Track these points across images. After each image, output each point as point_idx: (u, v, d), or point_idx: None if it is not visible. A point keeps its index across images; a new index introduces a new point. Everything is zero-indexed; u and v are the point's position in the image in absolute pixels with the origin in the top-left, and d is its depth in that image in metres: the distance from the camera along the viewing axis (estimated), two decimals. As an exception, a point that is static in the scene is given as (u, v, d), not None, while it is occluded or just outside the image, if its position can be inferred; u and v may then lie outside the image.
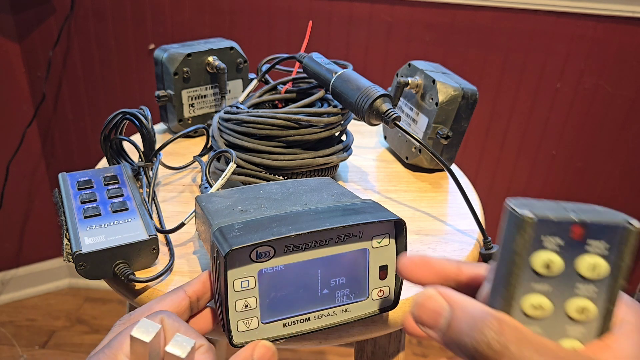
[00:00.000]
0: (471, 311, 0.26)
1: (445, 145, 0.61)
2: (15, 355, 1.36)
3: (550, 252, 0.25)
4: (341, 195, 0.41)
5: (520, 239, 0.25)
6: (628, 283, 0.26)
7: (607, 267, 0.25)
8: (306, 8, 1.19)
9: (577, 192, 1.34)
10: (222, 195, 0.41)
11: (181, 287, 0.35)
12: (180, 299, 0.34)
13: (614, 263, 0.25)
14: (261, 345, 0.33)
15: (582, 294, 0.26)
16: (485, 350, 0.24)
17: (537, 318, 0.26)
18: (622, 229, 0.25)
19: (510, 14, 1.16)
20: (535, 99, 1.24)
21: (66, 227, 0.44)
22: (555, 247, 0.25)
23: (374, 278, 0.37)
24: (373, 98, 0.51)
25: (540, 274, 0.25)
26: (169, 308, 0.34)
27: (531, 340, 0.24)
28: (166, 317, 0.31)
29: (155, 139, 0.56)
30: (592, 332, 0.26)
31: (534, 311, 0.26)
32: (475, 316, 0.25)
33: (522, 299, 0.26)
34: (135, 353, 0.29)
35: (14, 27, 1.25)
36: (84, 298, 1.56)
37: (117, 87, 1.32)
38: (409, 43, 1.21)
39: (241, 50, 0.71)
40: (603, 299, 0.26)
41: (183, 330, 0.31)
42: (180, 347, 0.29)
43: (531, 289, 0.26)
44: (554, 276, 0.26)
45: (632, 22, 1.14)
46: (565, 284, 0.26)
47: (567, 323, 0.26)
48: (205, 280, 0.36)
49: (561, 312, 0.26)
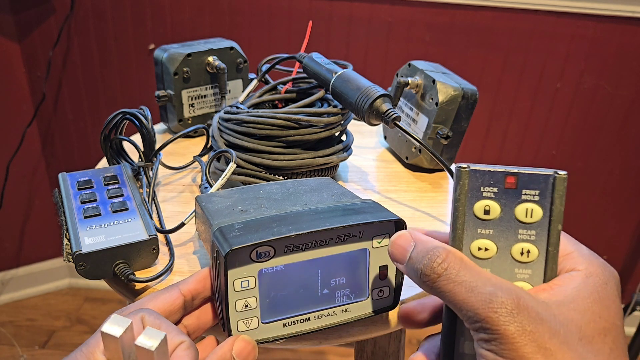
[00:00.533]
0: (428, 244, 0.30)
1: (445, 145, 0.61)
2: (15, 355, 1.36)
3: (488, 200, 0.30)
4: (341, 195, 0.41)
5: (460, 187, 0.30)
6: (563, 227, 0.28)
7: (541, 211, 0.29)
8: (306, 8, 1.19)
9: (577, 192, 1.34)
10: (222, 195, 0.41)
11: (176, 285, 0.35)
12: (173, 298, 0.34)
13: (547, 208, 0.29)
14: (240, 339, 0.33)
15: (523, 238, 0.30)
16: (430, 274, 0.29)
17: (484, 258, 0.30)
18: (551, 177, 0.29)
19: (510, 14, 1.16)
20: (535, 99, 1.24)
21: (66, 227, 0.44)
22: (492, 195, 0.30)
23: (374, 278, 0.37)
24: (373, 98, 0.51)
25: (482, 219, 0.30)
26: (162, 306, 0.33)
27: (470, 267, 0.28)
28: (147, 315, 0.31)
29: (155, 139, 0.56)
30: (539, 275, 0.30)
31: (480, 253, 0.30)
32: (429, 247, 0.30)
33: (471, 244, 0.30)
34: (108, 348, 0.29)
35: (14, 27, 1.25)
36: (84, 298, 1.56)
37: (117, 87, 1.32)
38: (409, 43, 1.21)
39: (241, 50, 0.71)
40: (543, 241, 0.30)
41: (164, 327, 0.31)
42: (150, 339, 0.29)
43: (478, 234, 0.30)
44: (495, 220, 0.30)
45: (632, 22, 1.14)
46: (508, 229, 0.30)
47: (514, 266, 0.30)
48: (201, 278, 0.36)
49: (507, 255, 0.30)
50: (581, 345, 0.26)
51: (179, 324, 0.36)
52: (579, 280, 0.28)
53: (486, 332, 0.26)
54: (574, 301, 0.27)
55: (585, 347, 0.26)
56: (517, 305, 0.26)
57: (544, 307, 0.27)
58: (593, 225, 1.37)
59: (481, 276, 0.28)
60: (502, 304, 0.26)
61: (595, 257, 0.30)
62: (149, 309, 0.32)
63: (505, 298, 0.26)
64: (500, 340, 0.25)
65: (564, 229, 0.30)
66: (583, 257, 0.30)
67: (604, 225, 1.37)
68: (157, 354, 0.28)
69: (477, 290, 0.27)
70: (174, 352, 0.30)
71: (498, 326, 0.26)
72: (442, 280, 0.28)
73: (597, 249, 1.63)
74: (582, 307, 0.27)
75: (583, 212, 1.36)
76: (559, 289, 0.28)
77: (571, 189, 1.34)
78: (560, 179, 0.29)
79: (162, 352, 0.29)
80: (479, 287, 0.27)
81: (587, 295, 0.28)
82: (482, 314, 0.26)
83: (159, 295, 0.34)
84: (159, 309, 0.33)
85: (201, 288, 0.36)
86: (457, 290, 0.28)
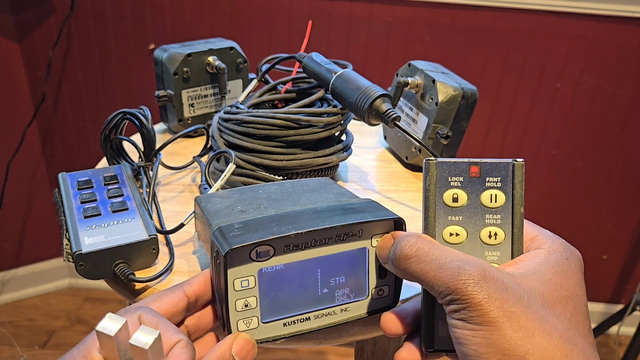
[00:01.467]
0: (401, 234, 0.33)
1: (445, 145, 0.61)
2: (15, 355, 1.36)
3: (456, 189, 0.33)
4: (340, 194, 0.41)
5: (429, 178, 0.33)
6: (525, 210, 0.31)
7: (504, 197, 0.32)
8: (306, 8, 1.19)
9: (577, 192, 1.34)
10: (221, 196, 0.41)
11: (180, 285, 0.35)
12: (177, 299, 0.34)
13: (509, 193, 0.32)
14: (240, 338, 0.33)
15: (490, 223, 0.33)
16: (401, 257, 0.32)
17: (456, 243, 0.33)
18: (510, 164, 0.32)
19: (510, 14, 1.16)
20: (535, 99, 1.24)
21: (66, 227, 0.44)
22: (458, 184, 0.33)
23: (373, 277, 0.37)
24: (373, 98, 0.51)
25: (451, 206, 0.33)
26: (165, 308, 0.33)
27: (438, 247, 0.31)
28: (144, 313, 0.31)
29: (155, 139, 0.56)
30: (506, 255, 0.33)
31: (452, 238, 0.33)
32: (402, 236, 0.33)
33: (443, 230, 0.33)
34: (104, 347, 0.29)
35: (14, 27, 1.25)
36: (84, 298, 1.56)
37: (117, 87, 1.32)
38: (409, 43, 1.21)
39: (241, 50, 0.71)
40: (508, 224, 0.33)
41: (161, 325, 0.31)
42: (144, 337, 0.29)
43: (448, 221, 0.33)
44: (463, 207, 0.33)
45: (632, 22, 1.14)
46: (475, 215, 0.33)
47: (484, 249, 0.33)
48: (206, 279, 0.36)
49: (477, 239, 0.33)
50: (544, 309, 0.28)
51: (181, 324, 0.36)
52: (542, 256, 0.31)
53: (456, 303, 0.28)
54: (536, 273, 0.30)
55: (547, 311, 0.28)
56: (483, 276, 0.28)
57: (509, 277, 0.29)
58: (593, 225, 1.37)
59: (449, 253, 0.30)
60: (470, 276, 0.28)
61: (558, 238, 0.33)
62: (147, 307, 0.32)
63: (472, 270, 0.28)
64: (469, 308, 0.28)
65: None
66: (546, 238, 0.32)
67: (604, 225, 1.37)
68: (152, 352, 0.28)
69: (446, 266, 0.29)
70: (170, 351, 0.30)
71: (466, 295, 0.28)
72: (413, 262, 0.31)
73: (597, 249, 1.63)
74: (544, 278, 0.30)
75: (583, 212, 1.36)
76: (523, 263, 0.31)
77: (571, 189, 1.34)
78: (518, 165, 0.32)
79: (156, 350, 0.29)
80: (447, 263, 0.29)
81: (549, 268, 0.30)
82: (451, 286, 0.28)
83: (162, 296, 0.34)
84: (163, 310, 0.33)
85: (205, 289, 0.35)
86: (428, 269, 0.30)
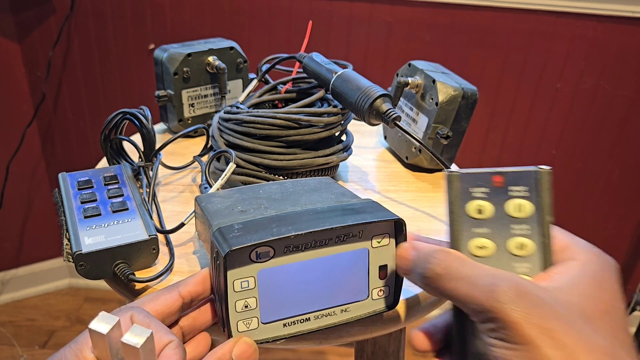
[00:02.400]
0: (427, 249, 0.32)
1: (445, 145, 0.61)
2: (15, 355, 1.36)
3: (479, 200, 0.32)
4: (341, 195, 0.41)
5: (452, 191, 0.32)
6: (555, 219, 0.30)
7: (531, 206, 0.31)
8: (306, 8, 1.19)
9: (577, 192, 1.34)
10: (221, 196, 0.41)
11: (176, 285, 0.35)
12: (172, 300, 0.34)
13: (536, 202, 0.31)
14: (241, 342, 0.33)
15: (518, 233, 0.31)
16: (432, 275, 0.30)
17: (484, 257, 0.32)
18: (535, 172, 0.31)
19: (510, 14, 1.15)
20: (535, 99, 1.24)
21: (66, 227, 0.44)
22: (482, 195, 0.31)
23: (374, 278, 0.37)
24: (373, 98, 0.51)
25: (476, 218, 0.32)
26: (160, 309, 0.33)
27: (469, 263, 0.30)
28: (136, 313, 0.31)
29: (155, 139, 0.56)
30: (537, 266, 0.31)
31: (479, 251, 0.32)
32: (429, 251, 0.31)
33: (468, 243, 0.32)
34: (96, 346, 0.29)
35: (14, 27, 1.25)
36: (84, 298, 1.56)
37: (117, 87, 1.32)
38: (409, 43, 1.21)
39: (241, 50, 0.71)
40: (537, 234, 0.31)
41: (153, 325, 0.31)
42: (136, 337, 0.29)
43: (474, 233, 0.32)
44: (488, 219, 0.32)
45: (632, 22, 1.14)
46: (502, 226, 0.31)
47: (513, 260, 0.31)
48: (201, 280, 0.36)
49: (505, 251, 0.32)
50: (584, 324, 0.26)
51: (175, 324, 0.35)
52: (577, 268, 0.29)
53: (492, 322, 0.27)
54: (572, 286, 0.28)
55: (588, 327, 0.26)
56: (518, 292, 0.26)
57: (545, 292, 0.27)
58: (593, 225, 1.37)
59: (480, 270, 0.29)
60: (504, 292, 0.26)
61: (592, 247, 0.31)
62: (139, 307, 0.32)
63: (505, 286, 0.27)
64: (506, 327, 0.26)
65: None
66: (580, 247, 0.31)
67: (604, 225, 1.37)
68: (143, 352, 0.28)
69: (478, 282, 0.28)
70: (162, 352, 0.30)
71: (502, 314, 0.26)
72: (444, 279, 0.30)
73: (597, 249, 1.58)
74: (580, 291, 0.28)
75: (583, 212, 1.36)
76: (557, 276, 0.29)
77: (571, 189, 1.34)
78: (544, 173, 0.31)
79: (148, 349, 0.29)
80: (479, 280, 0.28)
81: (585, 280, 0.28)
82: (485, 304, 0.27)
83: (158, 296, 0.34)
84: (157, 311, 0.33)
85: (201, 290, 0.35)
86: (459, 286, 0.29)
